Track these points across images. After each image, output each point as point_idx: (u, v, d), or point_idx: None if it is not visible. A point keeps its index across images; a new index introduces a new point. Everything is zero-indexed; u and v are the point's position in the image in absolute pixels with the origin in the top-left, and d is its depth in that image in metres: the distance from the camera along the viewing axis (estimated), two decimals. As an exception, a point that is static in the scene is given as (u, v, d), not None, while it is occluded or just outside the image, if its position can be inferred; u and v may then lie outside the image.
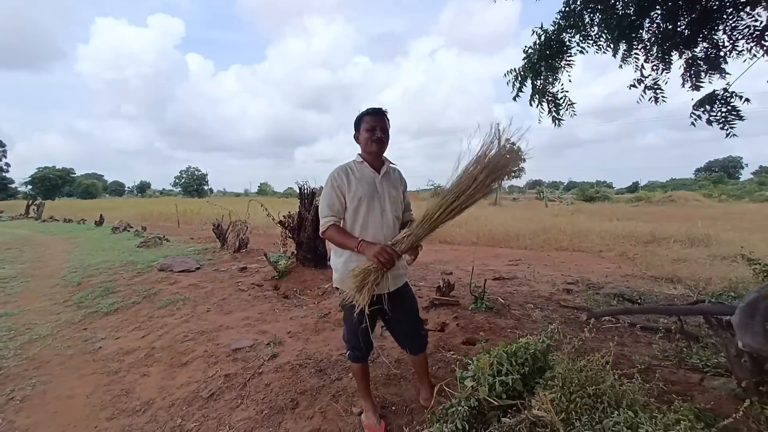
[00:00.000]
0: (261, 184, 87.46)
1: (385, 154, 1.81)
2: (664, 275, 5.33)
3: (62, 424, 2.03)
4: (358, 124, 1.77)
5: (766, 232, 9.84)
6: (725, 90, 3.16)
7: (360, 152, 1.80)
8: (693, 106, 3.27)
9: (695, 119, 3.26)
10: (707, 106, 3.19)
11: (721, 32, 3.58)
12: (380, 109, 1.74)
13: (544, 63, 3.31)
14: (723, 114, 3.11)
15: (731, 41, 3.61)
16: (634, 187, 66.74)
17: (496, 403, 1.63)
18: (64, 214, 17.34)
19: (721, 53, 3.65)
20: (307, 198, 4.98)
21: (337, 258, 1.78)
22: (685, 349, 2.43)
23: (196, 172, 70.77)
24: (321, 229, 1.73)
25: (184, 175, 70.47)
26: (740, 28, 3.60)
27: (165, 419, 2.02)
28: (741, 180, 53.88)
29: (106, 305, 3.94)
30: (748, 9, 3.48)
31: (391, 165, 1.83)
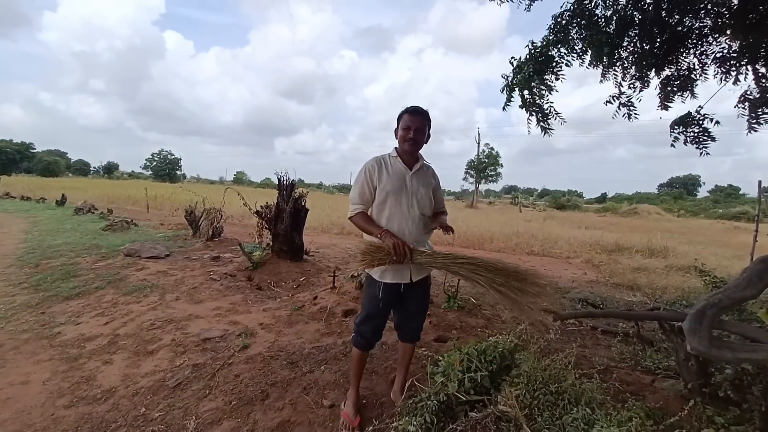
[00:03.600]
0: (237, 172, 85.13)
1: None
2: (625, 283, 5.64)
3: (16, 410, 1.93)
4: (399, 119, 1.81)
5: (716, 246, 10.59)
6: (698, 112, 3.36)
7: (396, 146, 1.85)
8: (670, 126, 3.47)
9: (674, 138, 3.45)
10: (682, 127, 3.39)
11: (692, 56, 3.81)
12: (419, 110, 1.77)
13: (537, 77, 3.43)
14: (696, 134, 3.31)
15: (701, 65, 3.85)
16: (602, 198, 69.74)
17: (464, 398, 1.69)
18: (21, 191, 16.26)
19: (692, 75, 3.89)
20: (286, 189, 4.91)
21: (368, 239, 1.85)
22: (640, 352, 2.60)
23: (168, 156, 67.90)
24: (349, 215, 1.82)
25: (156, 159, 67.47)
26: (708, 53, 3.85)
27: (128, 408, 1.96)
28: (698, 197, 57.40)
29: (67, 289, 3.75)
30: (716, 36, 3.72)
31: (425, 163, 1.88)
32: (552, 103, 3.64)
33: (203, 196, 7.41)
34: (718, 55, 3.81)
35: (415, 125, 1.76)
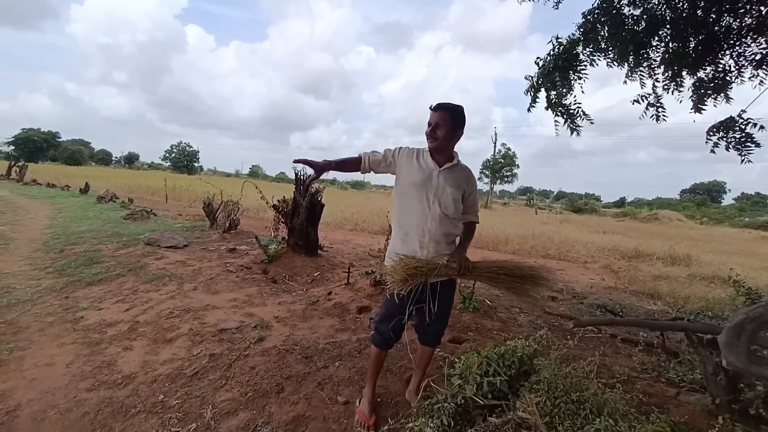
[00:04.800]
0: (253, 166, 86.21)
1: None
2: (645, 290, 5.48)
3: (41, 390, 1.99)
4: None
5: (743, 256, 10.19)
6: (740, 116, 3.22)
7: None
8: (708, 131, 3.33)
9: (714, 144, 3.31)
10: (722, 132, 3.24)
11: (728, 57, 3.64)
12: (441, 105, 1.74)
13: (558, 74, 3.33)
14: (738, 140, 3.17)
15: (737, 66, 3.68)
16: (621, 202, 68.06)
17: (481, 402, 1.66)
18: (47, 179, 16.83)
19: (727, 77, 3.72)
20: (303, 184, 4.93)
21: (392, 242, 1.86)
22: (663, 363, 2.51)
23: (187, 148, 69.32)
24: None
25: (175, 150, 68.97)
26: (746, 54, 3.67)
27: (147, 394, 2.00)
28: (723, 204, 55.38)
29: (90, 275, 3.85)
30: (755, 36, 3.54)
31: (461, 164, 1.82)
32: (580, 103, 3.54)
33: (220, 188, 7.52)
34: (757, 57, 3.64)
35: (434, 120, 1.71)
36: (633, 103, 3.61)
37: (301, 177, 4.93)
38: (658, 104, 3.57)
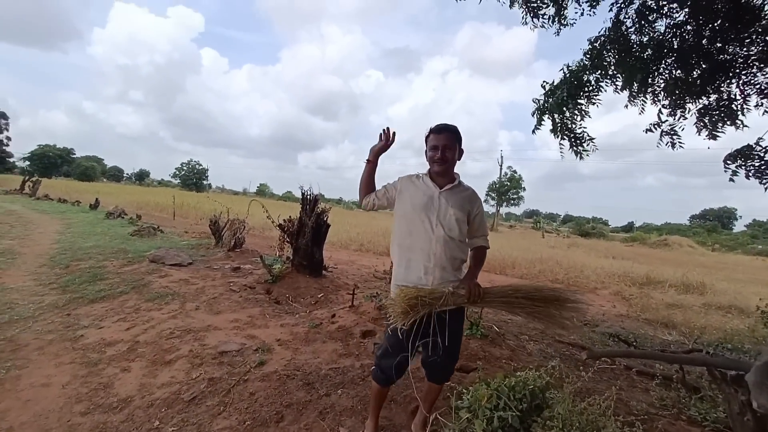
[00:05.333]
0: (260, 184, 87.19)
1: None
2: (658, 319, 5.31)
3: (34, 413, 1.93)
4: (426, 139, 1.77)
5: (758, 285, 9.89)
6: (758, 144, 3.19)
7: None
8: (725, 159, 3.30)
9: (733, 173, 3.27)
10: (741, 160, 3.21)
11: (734, 86, 3.65)
12: (445, 126, 1.72)
13: (570, 102, 3.35)
14: (757, 167, 3.14)
15: (743, 95, 3.68)
16: (629, 227, 67.20)
17: (492, 438, 1.57)
18: (59, 194, 17.14)
19: (733, 106, 3.72)
20: (309, 204, 4.94)
21: (394, 270, 1.79)
22: (683, 400, 2.38)
23: (197, 166, 70.58)
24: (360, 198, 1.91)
25: (185, 168, 70.25)
26: (752, 83, 3.68)
27: (142, 420, 1.93)
28: (734, 231, 54.42)
29: (93, 292, 3.83)
30: (761, 65, 3.56)
31: (463, 184, 1.78)
32: (585, 128, 3.54)
33: (227, 206, 7.57)
34: (763, 86, 3.64)
35: (442, 143, 1.68)
36: (646, 132, 3.61)
37: (307, 196, 4.94)
38: (673, 132, 3.56)
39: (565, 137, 3.74)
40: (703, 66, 3.68)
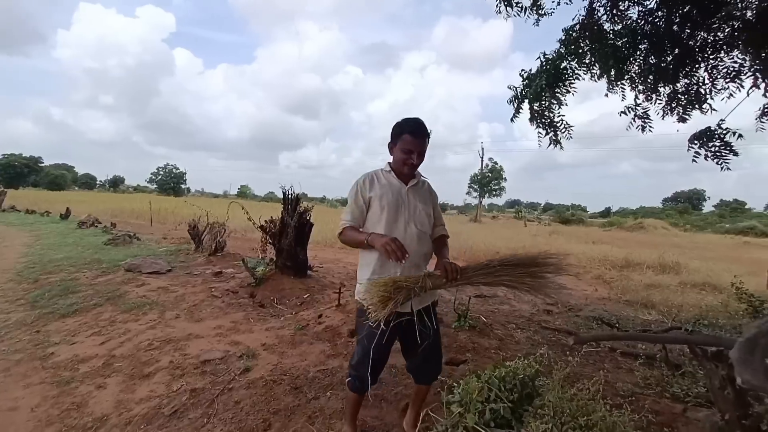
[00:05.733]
0: (241, 186, 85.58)
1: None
2: (638, 300, 5.46)
3: (-1, 441, 1.81)
4: (397, 135, 1.62)
5: (728, 262, 10.34)
6: (719, 126, 3.27)
7: (391, 161, 1.70)
8: (689, 140, 3.38)
9: (695, 154, 3.34)
10: (703, 141, 3.29)
11: (702, 70, 3.75)
12: (423, 130, 1.59)
13: (548, 90, 3.36)
14: (716, 149, 3.21)
15: (711, 79, 3.79)
16: (606, 212, 69.29)
17: (483, 431, 1.55)
18: (27, 205, 16.31)
19: (701, 90, 3.83)
20: (291, 203, 4.83)
21: (361, 270, 1.67)
22: (666, 378, 2.43)
23: (174, 170, 68.65)
24: (338, 231, 1.69)
25: (161, 172, 68.22)
26: (720, 67, 3.78)
27: (120, 439, 1.83)
28: (704, 212, 56.89)
29: (64, 306, 3.64)
30: (728, 50, 3.66)
31: (422, 178, 1.74)
32: (563, 116, 3.57)
33: (207, 209, 7.35)
34: (729, 70, 3.75)
35: (417, 149, 1.58)
36: (620, 115, 3.67)
37: (289, 196, 4.84)
38: (645, 116, 3.63)
39: (542, 126, 3.76)
40: (675, 52, 3.76)
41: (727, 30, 3.65)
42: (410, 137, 1.58)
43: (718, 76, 3.81)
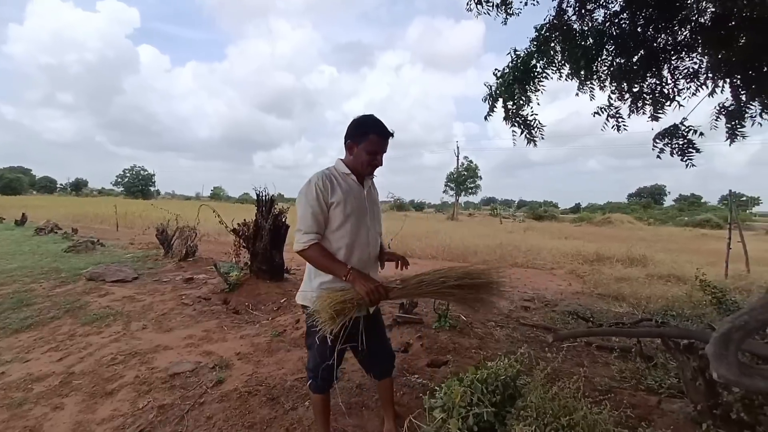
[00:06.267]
0: (214, 188, 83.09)
1: None
2: (610, 293, 5.64)
3: (-65, 478, 1.62)
4: (361, 134, 1.50)
5: (689, 253, 10.92)
6: (682, 123, 3.40)
7: (343, 159, 1.58)
8: (654, 138, 3.49)
9: (660, 150, 3.46)
10: (668, 138, 3.40)
11: (665, 71, 3.90)
12: (389, 132, 1.52)
13: (517, 86, 3.39)
14: (681, 146, 3.33)
15: (673, 79, 3.95)
16: (576, 208, 71.95)
17: (467, 437, 1.52)
18: (-24, 211, 15.15)
19: (664, 90, 3.98)
20: (265, 205, 4.68)
21: (315, 277, 1.55)
22: (640, 370, 2.50)
23: (141, 172, 65.76)
24: (299, 248, 1.46)
25: (128, 174, 65.19)
26: (681, 68, 3.95)
27: (78, 465, 1.68)
28: (665, 206, 60.11)
29: (17, 320, 3.35)
30: (689, 51, 3.83)
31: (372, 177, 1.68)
32: (536, 114, 3.62)
33: (177, 213, 7.04)
34: (690, 70, 3.92)
35: (383, 150, 1.53)
36: (594, 115, 3.75)
37: (263, 197, 4.69)
38: (618, 115, 3.73)
39: (516, 124, 3.81)
40: (640, 53, 3.89)
41: (686, 33, 3.81)
42: (377, 138, 1.50)
43: (680, 77, 3.98)
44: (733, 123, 3.41)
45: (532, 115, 3.65)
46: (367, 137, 1.49)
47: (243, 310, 3.83)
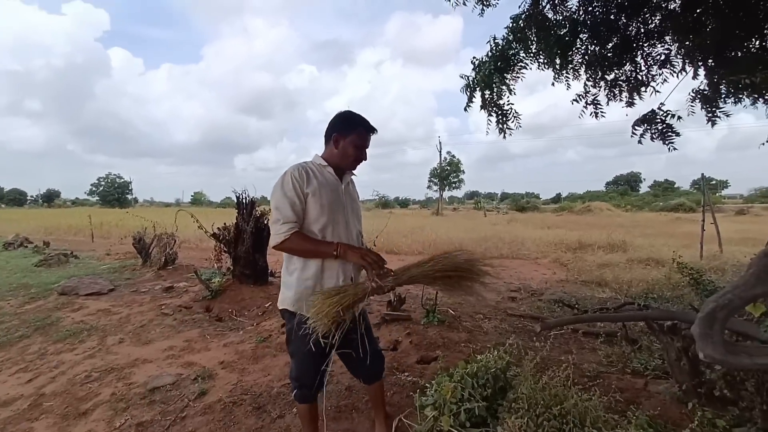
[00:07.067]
0: (195, 193, 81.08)
1: None
2: (593, 279, 5.75)
3: None
4: (350, 128, 1.47)
5: (665, 237, 11.27)
6: (660, 108, 3.45)
7: (323, 154, 1.54)
8: (633, 124, 3.53)
9: (640, 136, 3.50)
10: (646, 125, 3.45)
11: (639, 57, 3.97)
12: (375, 130, 1.53)
13: (497, 74, 3.38)
14: (660, 131, 3.38)
15: (647, 66, 4.02)
16: (557, 198, 73.54)
17: (459, 433, 1.49)
18: (-63, 228, 14.32)
19: (639, 77, 4.05)
20: (246, 208, 4.56)
21: (290, 275, 1.47)
22: (626, 354, 2.53)
23: (117, 180, 63.67)
24: (279, 239, 1.37)
25: (103, 183, 63.01)
26: (653, 55, 4.03)
27: (49, 493, 1.57)
28: (640, 192, 62.14)
29: (-18, 342, 3.16)
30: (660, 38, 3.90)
31: (351, 173, 1.62)
32: (512, 104, 3.62)
33: (155, 220, 6.81)
34: (662, 57, 4.00)
35: (368, 145, 1.53)
36: (573, 103, 3.79)
37: (243, 200, 4.56)
38: (596, 102, 3.77)
39: (492, 114, 3.80)
40: (614, 40, 3.94)
41: (656, 20, 3.89)
42: (366, 133, 1.51)
43: (653, 63, 4.06)
44: (710, 107, 3.49)
45: (508, 104, 3.65)
46: (356, 131, 1.48)
47: (226, 316, 3.72)
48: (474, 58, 3.54)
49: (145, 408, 2.13)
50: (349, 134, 1.47)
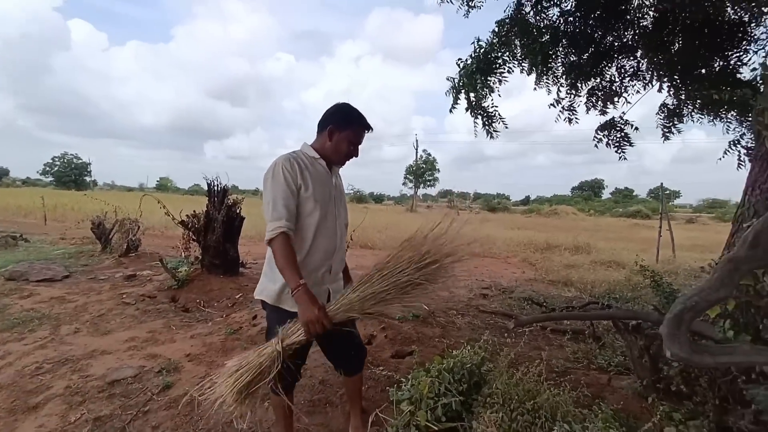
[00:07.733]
0: (161, 178, 77.46)
1: None
2: (559, 279, 5.99)
3: None
4: (347, 123, 1.43)
5: (625, 241, 11.94)
6: (621, 118, 3.60)
7: (314, 144, 1.48)
8: (596, 130, 3.68)
9: (598, 141, 3.65)
10: (606, 132, 3.60)
11: (613, 69, 4.14)
12: (371, 128, 1.50)
13: (480, 76, 3.41)
14: (617, 139, 3.54)
15: (620, 77, 4.21)
16: (526, 200, 76.13)
17: (436, 428, 1.50)
18: None
19: (613, 87, 4.23)
20: (218, 196, 4.38)
21: (273, 269, 1.38)
22: (591, 351, 2.65)
23: (75, 160, 59.54)
24: (267, 236, 1.31)
25: (58, 163, 58.75)
26: (626, 67, 4.21)
27: (-9, 495, 1.44)
28: (603, 198, 65.47)
29: None
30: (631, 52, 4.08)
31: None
32: (497, 106, 3.68)
33: (116, 204, 6.41)
34: (634, 70, 4.20)
35: (361, 143, 1.51)
36: (549, 107, 3.89)
37: (214, 188, 4.38)
38: (571, 108, 3.90)
39: (478, 116, 3.85)
40: (591, 51, 4.08)
41: (630, 35, 4.06)
42: (362, 130, 1.47)
43: (626, 75, 4.25)
44: (669, 121, 3.69)
45: (492, 107, 3.70)
46: (353, 127, 1.45)
47: (194, 307, 3.57)
48: (459, 59, 3.56)
49: (103, 402, 2.00)
50: (345, 129, 1.43)
